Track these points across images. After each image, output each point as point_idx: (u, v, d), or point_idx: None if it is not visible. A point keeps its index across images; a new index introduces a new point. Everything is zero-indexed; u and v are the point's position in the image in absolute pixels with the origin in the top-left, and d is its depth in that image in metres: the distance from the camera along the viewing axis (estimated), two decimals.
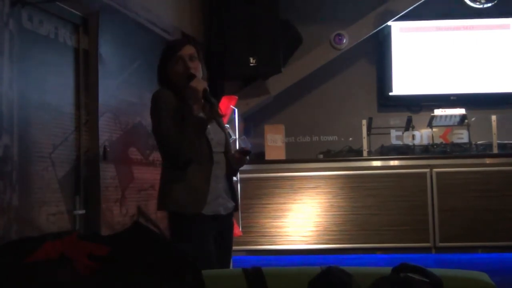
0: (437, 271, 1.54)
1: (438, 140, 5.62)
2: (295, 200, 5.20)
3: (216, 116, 2.58)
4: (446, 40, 6.17)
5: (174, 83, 2.58)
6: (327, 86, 6.30)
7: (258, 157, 5.57)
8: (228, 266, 2.68)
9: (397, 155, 5.45)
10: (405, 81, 6.18)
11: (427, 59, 6.16)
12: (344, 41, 5.85)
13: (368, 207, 5.11)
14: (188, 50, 2.59)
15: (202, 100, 2.48)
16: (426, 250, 5.02)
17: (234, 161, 2.68)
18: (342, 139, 6.15)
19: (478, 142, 5.56)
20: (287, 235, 5.17)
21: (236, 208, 2.70)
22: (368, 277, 1.51)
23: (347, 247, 5.10)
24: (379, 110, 6.26)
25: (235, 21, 5.40)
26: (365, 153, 5.49)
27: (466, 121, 5.52)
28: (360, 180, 5.17)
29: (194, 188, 2.50)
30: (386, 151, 5.60)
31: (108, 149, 3.60)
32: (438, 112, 5.51)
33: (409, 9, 5.83)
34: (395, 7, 5.85)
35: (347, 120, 6.15)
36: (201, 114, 2.50)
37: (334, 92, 6.29)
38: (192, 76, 2.52)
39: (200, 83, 2.49)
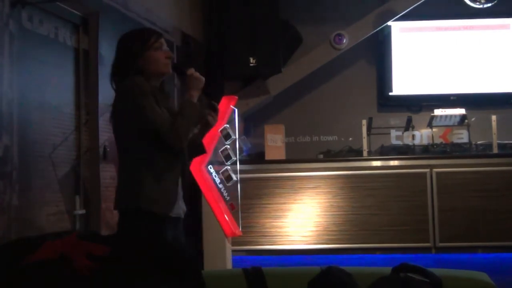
0: (437, 271, 1.54)
1: (438, 140, 5.61)
2: (295, 200, 5.19)
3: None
4: (446, 40, 6.16)
5: (146, 70, 2.45)
6: (327, 86, 6.29)
7: (258, 157, 5.57)
8: None
9: (397, 155, 5.44)
10: (405, 81, 6.17)
11: (427, 59, 6.15)
12: (344, 41, 5.84)
13: (368, 207, 5.10)
14: (163, 40, 2.55)
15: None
16: (426, 250, 5.01)
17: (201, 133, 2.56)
18: (342, 139, 6.14)
19: (478, 142, 5.55)
20: (287, 235, 5.16)
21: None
22: (368, 277, 1.51)
23: (347, 247, 5.10)
24: (379, 110, 6.25)
25: (235, 21, 5.39)
26: (365, 153, 5.48)
27: (466, 121, 5.51)
28: (360, 180, 5.17)
29: (167, 189, 2.41)
30: (386, 151, 5.60)
31: (108, 149, 3.60)
32: (438, 112, 5.50)
33: (409, 9, 5.81)
34: (395, 7, 5.84)
35: (347, 120, 6.14)
36: None
37: (334, 92, 6.27)
38: (178, 65, 2.49)
39: (198, 73, 2.46)
